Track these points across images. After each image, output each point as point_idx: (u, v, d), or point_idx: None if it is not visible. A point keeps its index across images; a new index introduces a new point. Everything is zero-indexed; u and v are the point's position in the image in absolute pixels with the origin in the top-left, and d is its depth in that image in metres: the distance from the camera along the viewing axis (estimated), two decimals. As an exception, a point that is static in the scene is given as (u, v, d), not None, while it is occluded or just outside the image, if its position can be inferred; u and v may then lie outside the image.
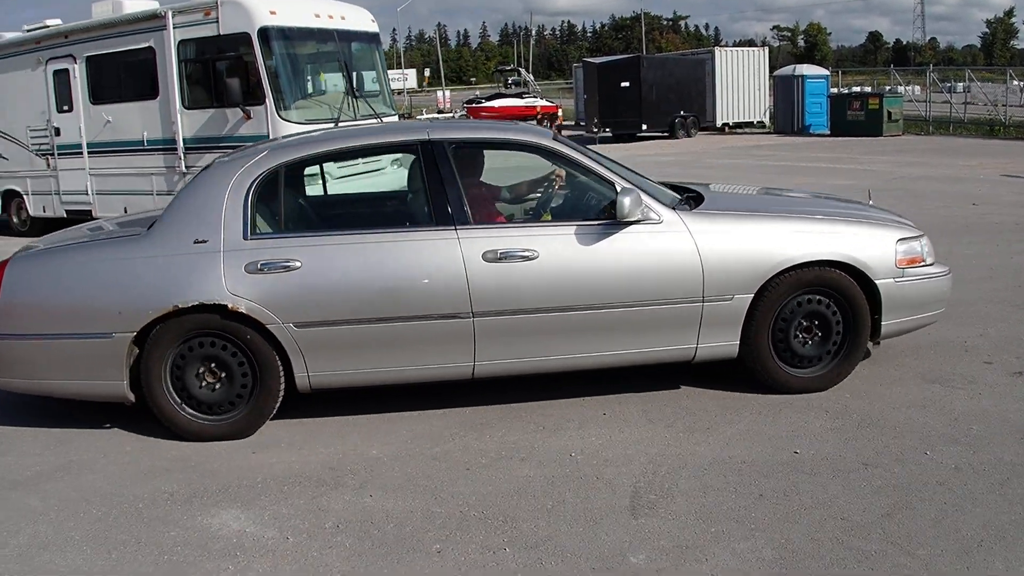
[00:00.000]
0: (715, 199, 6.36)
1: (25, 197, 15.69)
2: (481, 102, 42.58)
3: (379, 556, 4.02)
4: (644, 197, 5.57)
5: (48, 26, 15.11)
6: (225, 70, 12.50)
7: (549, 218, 6.02)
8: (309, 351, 5.40)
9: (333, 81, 13.33)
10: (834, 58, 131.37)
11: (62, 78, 14.50)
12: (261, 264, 5.32)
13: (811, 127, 32.94)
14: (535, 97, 42.47)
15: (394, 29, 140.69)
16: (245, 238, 5.40)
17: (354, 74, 13.41)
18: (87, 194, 14.46)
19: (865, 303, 5.77)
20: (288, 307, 5.30)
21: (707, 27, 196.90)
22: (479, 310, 5.38)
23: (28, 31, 15.46)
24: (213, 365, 5.45)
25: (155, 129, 13.36)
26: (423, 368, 5.56)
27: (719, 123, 35.63)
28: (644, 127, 32.60)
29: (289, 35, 12.51)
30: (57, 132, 14.67)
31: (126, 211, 13.94)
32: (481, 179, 6.21)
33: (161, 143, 13.29)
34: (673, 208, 5.74)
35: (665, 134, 33.23)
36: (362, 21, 14.06)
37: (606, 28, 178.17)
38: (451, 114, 43.74)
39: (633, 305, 5.52)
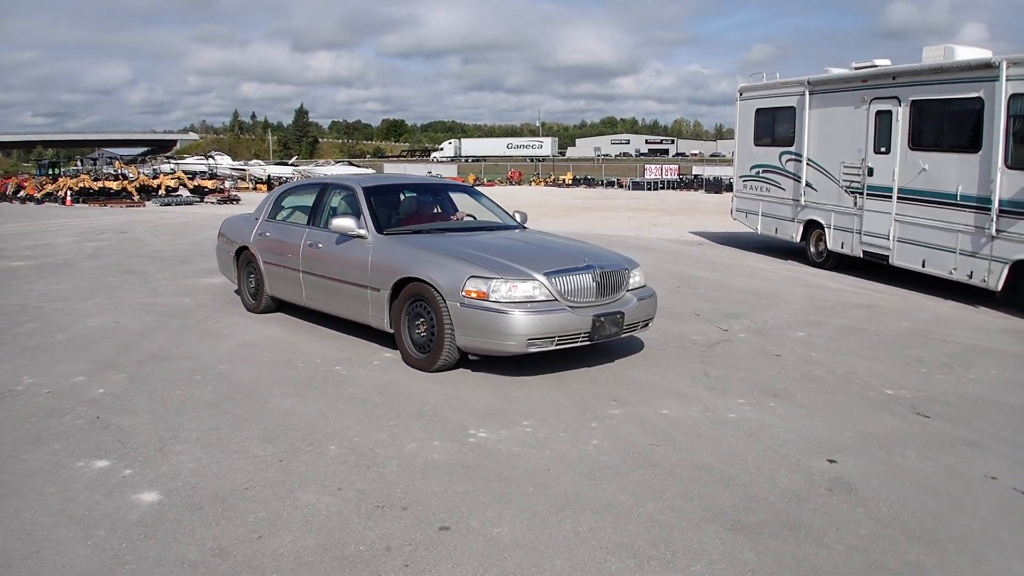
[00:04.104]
0: (461, 236, 9.46)
1: (826, 230, 16.03)
2: None
3: None
4: (364, 222, 9.11)
5: (876, 66, 15.08)
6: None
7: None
8: (268, 276, 10.60)
9: None
10: None
11: (883, 119, 14.36)
12: (258, 232, 10.85)
13: None
14: None
15: None
16: (267, 220, 10.87)
17: None
18: (887, 239, 14.19)
19: (443, 316, 7.90)
20: (262, 252, 10.66)
21: None
22: (303, 269, 9.81)
23: (856, 68, 15.63)
24: (251, 275, 11.03)
25: (970, 184, 12.44)
26: (293, 296, 10.23)
27: None
28: None
29: None
30: (870, 172, 14.61)
31: (924, 264, 13.40)
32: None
33: (974, 200, 12.33)
34: (381, 231, 9.04)
35: None
36: None
37: None
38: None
39: (346, 283, 9.13)
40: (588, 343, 8.08)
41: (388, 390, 7.51)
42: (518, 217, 10.56)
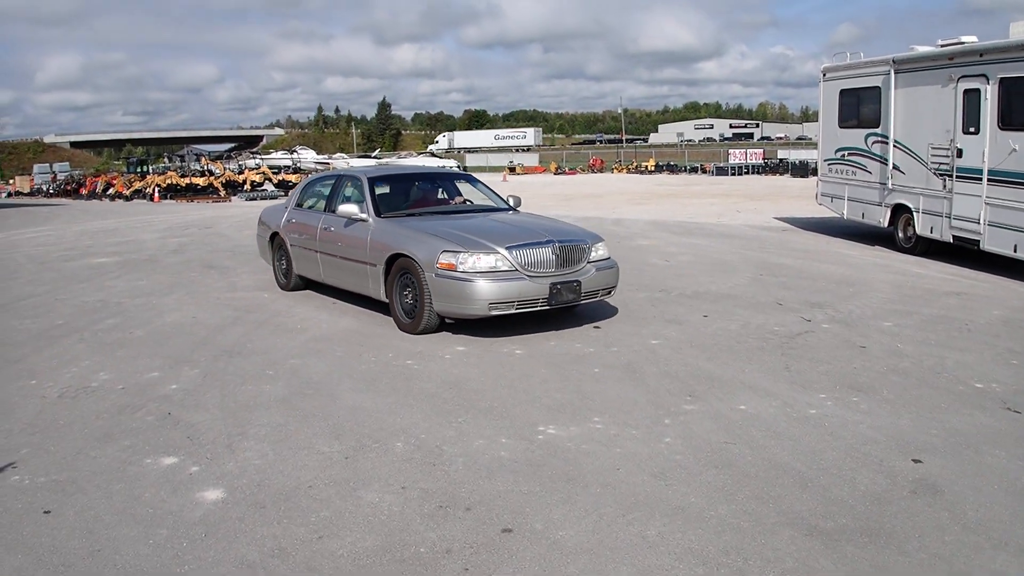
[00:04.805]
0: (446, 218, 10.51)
1: (914, 214, 15.44)
2: None
3: None
4: (367, 207, 10.39)
5: (963, 43, 14.44)
6: None
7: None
8: (294, 257, 11.87)
9: None
10: None
11: (971, 98, 13.74)
12: (286, 218, 12.17)
13: None
14: None
15: None
16: (295, 208, 12.19)
17: None
18: (978, 223, 13.57)
19: (423, 285, 9.14)
20: (290, 235, 11.96)
21: None
22: (320, 250, 11.15)
23: (942, 46, 14.99)
24: (281, 253, 12.28)
25: (1063, 165, 11.82)
26: (313, 273, 11.56)
27: None
28: None
29: None
30: (959, 154, 14.01)
31: (1016, 249, 12.79)
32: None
33: (1068, 182, 11.74)
34: (379, 215, 10.29)
35: None
36: None
37: None
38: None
39: (352, 260, 10.42)
40: (548, 308, 9.19)
41: (458, 385, 7.42)
42: (511, 201, 11.65)
